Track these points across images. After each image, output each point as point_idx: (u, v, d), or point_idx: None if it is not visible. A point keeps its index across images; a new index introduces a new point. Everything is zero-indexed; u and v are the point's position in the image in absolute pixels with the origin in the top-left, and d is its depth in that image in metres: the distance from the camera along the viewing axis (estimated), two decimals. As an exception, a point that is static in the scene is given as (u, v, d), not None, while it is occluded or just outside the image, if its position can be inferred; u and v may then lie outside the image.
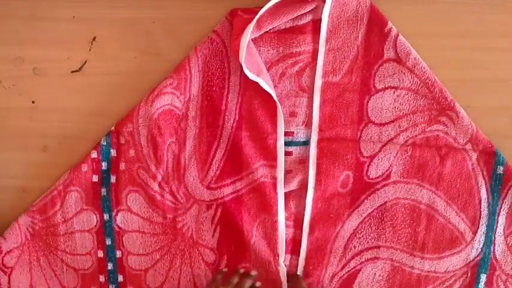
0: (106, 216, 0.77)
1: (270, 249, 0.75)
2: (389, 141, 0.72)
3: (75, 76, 0.74)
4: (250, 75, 0.67)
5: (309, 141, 0.73)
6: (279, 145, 0.72)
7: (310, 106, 0.72)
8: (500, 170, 0.71)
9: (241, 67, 0.66)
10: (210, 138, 0.73)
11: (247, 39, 0.63)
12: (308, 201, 0.74)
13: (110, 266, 0.79)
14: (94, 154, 0.75)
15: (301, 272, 0.76)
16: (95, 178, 0.76)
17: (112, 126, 0.74)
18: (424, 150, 0.72)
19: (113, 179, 0.76)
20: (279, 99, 0.70)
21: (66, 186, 0.75)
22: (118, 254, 0.78)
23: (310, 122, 0.72)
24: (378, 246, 0.75)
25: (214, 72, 0.71)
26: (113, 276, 0.79)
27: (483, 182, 0.72)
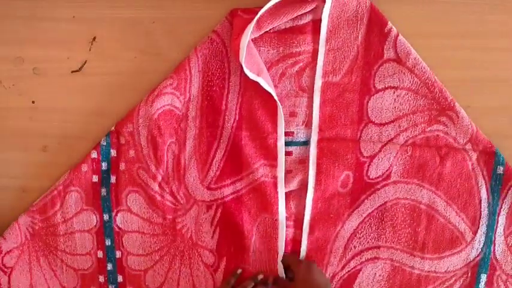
0: (106, 217, 0.77)
1: (270, 249, 0.75)
2: (389, 141, 0.72)
3: (75, 76, 0.74)
4: (250, 75, 0.67)
5: (309, 141, 0.73)
6: (280, 145, 0.72)
7: (310, 106, 0.72)
8: (500, 170, 0.71)
9: (242, 67, 0.66)
10: (210, 138, 0.73)
11: (247, 39, 0.63)
12: (308, 201, 0.73)
13: (110, 266, 0.79)
14: (94, 154, 0.75)
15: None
16: (95, 178, 0.76)
17: (112, 126, 0.74)
18: (424, 150, 0.72)
19: (113, 179, 0.75)
20: (279, 99, 0.70)
21: (66, 186, 0.75)
22: (118, 254, 0.78)
23: (310, 122, 0.72)
24: (378, 246, 0.75)
25: (214, 72, 0.71)
26: (112, 276, 0.79)
27: (483, 182, 0.72)
